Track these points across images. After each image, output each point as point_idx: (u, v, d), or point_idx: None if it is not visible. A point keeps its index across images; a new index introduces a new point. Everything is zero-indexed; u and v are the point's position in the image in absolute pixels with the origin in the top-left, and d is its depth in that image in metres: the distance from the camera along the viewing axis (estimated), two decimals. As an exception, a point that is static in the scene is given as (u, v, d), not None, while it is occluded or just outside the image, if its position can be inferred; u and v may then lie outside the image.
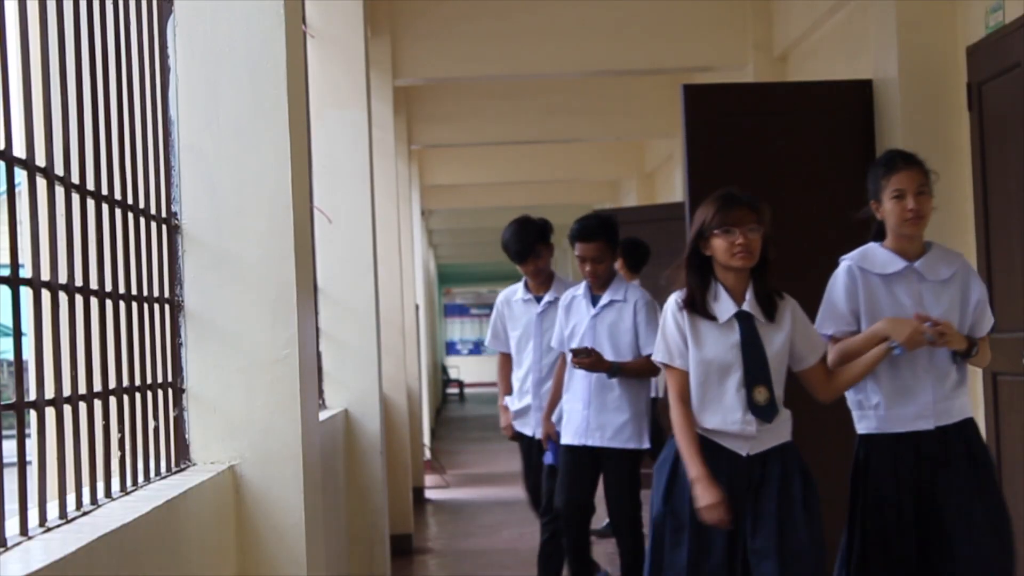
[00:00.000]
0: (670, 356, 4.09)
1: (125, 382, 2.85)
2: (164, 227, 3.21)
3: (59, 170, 2.54)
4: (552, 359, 6.27)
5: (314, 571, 3.37)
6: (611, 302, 5.82)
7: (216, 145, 3.28)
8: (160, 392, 3.11)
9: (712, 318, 4.06)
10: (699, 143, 6.18)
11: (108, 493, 2.71)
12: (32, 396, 2.39)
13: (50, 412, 2.44)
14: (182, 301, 3.27)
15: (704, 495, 3.94)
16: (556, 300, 6.22)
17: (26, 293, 2.36)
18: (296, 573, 3.27)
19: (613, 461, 5.72)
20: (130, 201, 2.95)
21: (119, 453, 2.79)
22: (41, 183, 2.44)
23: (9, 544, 2.16)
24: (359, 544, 6.16)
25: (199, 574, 2.93)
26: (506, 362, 6.67)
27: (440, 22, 8.61)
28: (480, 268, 32.32)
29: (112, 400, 2.76)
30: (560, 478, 5.78)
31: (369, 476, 6.28)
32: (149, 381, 3.03)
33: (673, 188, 12.35)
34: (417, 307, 13.12)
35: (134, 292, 2.95)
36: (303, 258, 3.43)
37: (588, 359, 5.65)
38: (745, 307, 4.06)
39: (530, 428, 6.42)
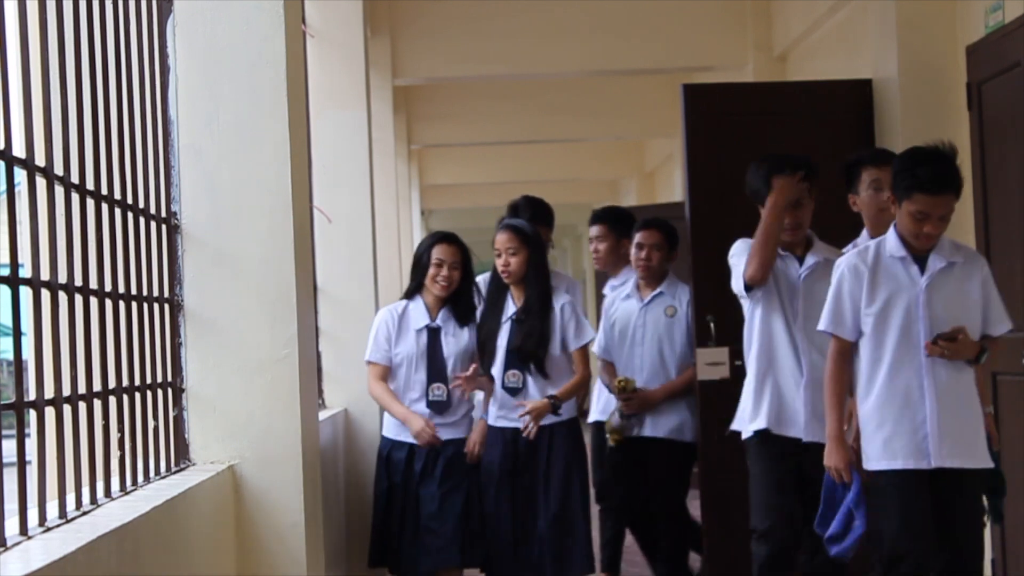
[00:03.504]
0: None
1: (125, 382, 2.85)
2: (164, 227, 3.21)
3: (59, 170, 2.54)
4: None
5: (314, 571, 3.37)
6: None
7: (216, 145, 3.28)
8: (160, 392, 3.11)
9: None
10: (699, 143, 6.18)
11: (108, 493, 2.71)
12: (32, 396, 2.39)
13: (50, 412, 2.44)
14: (182, 301, 3.28)
15: None
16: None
17: (26, 293, 2.36)
18: (296, 573, 3.27)
19: (970, 483, 4.06)
20: (130, 201, 2.96)
21: (119, 453, 2.79)
22: (41, 183, 2.44)
23: (9, 544, 2.16)
24: (359, 544, 6.17)
25: (199, 574, 2.93)
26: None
27: (440, 22, 8.61)
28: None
29: (112, 400, 2.76)
30: (901, 516, 3.97)
31: (369, 476, 6.28)
32: (149, 381, 3.03)
33: (673, 188, 12.34)
34: (417, 307, 13.10)
35: (134, 292, 2.95)
36: (303, 258, 3.43)
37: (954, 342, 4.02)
38: None
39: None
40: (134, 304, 2.95)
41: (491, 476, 5.19)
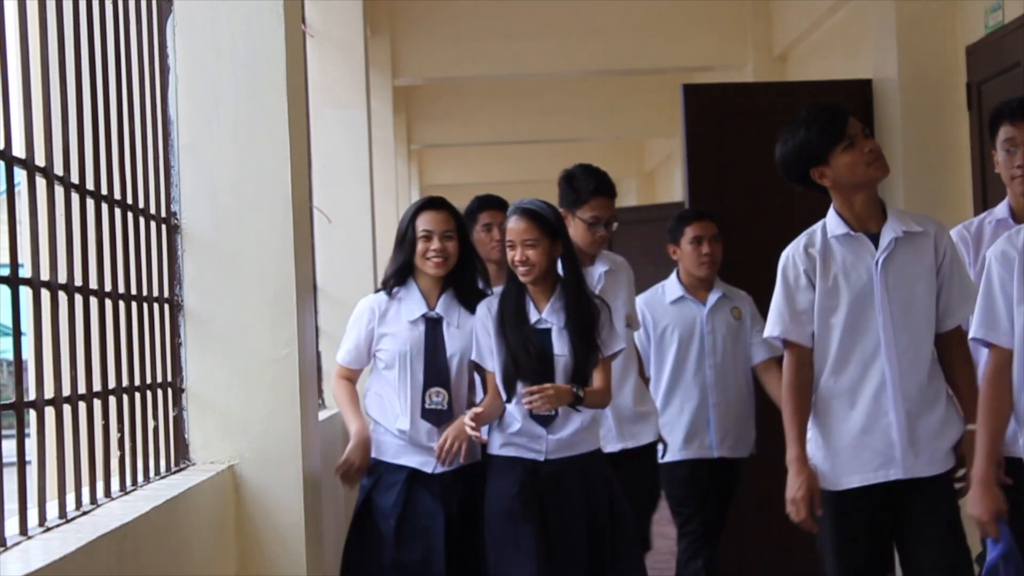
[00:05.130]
0: None
1: (125, 382, 2.85)
2: (164, 227, 3.21)
3: (59, 170, 2.54)
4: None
5: (314, 571, 3.37)
6: None
7: (216, 145, 3.28)
8: (160, 392, 3.11)
9: None
10: (699, 143, 6.18)
11: (108, 493, 2.71)
12: (32, 396, 2.39)
13: (50, 412, 2.44)
14: (182, 301, 3.27)
15: None
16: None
17: (26, 293, 2.36)
18: (296, 573, 3.27)
19: None
20: (130, 201, 2.95)
21: (119, 453, 2.79)
22: (41, 183, 2.44)
23: (9, 544, 2.16)
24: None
25: (199, 574, 2.93)
26: None
27: (440, 22, 8.61)
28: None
29: (112, 400, 2.76)
30: None
31: (369, 476, 6.27)
32: (149, 381, 3.03)
33: (673, 188, 12.34)
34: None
35: (134, 292, 2.95)
36: (303, 258, 3.43)
37: None
38: None
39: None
40: (134, 304, 2.94)
41: (502, 518, 3.91)
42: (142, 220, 3.04)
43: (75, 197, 2.64)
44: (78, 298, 2.62)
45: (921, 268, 3.43)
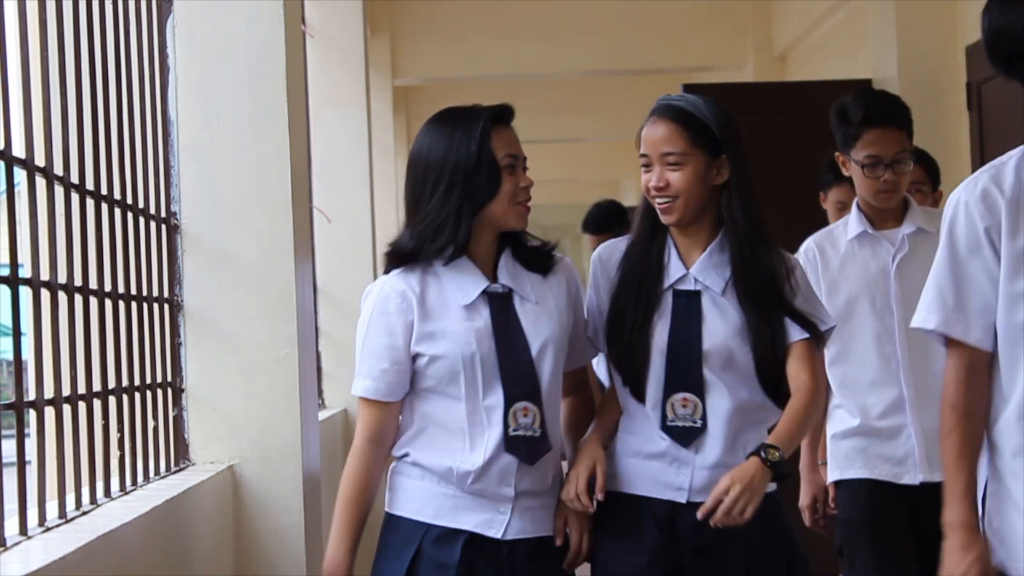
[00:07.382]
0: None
1: (125, 382, 2.85)
2: (164, 227, 3.21)
3: (59, 170, 2.54)
4: None
5: (314, 571, 3.37)
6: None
7: (215, 145, 3.28)
8: (159, 392, 3.11)
9: None
10: (699, 143, 6.18)
11: (107, 493, 2.71)
12: (32, 396, 2.39)
13: (50, 412, 2.44)
14: (182, 301, 3.27)
15: None
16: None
17: (26, 293, 2.36)
18: (296, 573, 3.27)
19: None
20: (130, 201, 2.96)
21: (118, 453, 2.79)
22: (41, 183, 2.44)
23: (8, 544, 2.16)
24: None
25: (198, 574, 2.93)
26: None
27: (440, 22, 8.61)
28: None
29: (112, 400, 2.76)
30: None
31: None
32: (148, 381, 3.03)
33: (673, 188, 12.35)
34: (417, 307, 13.11)
35: (134, 292, 2.95)
36: (303, 258, 3.43)
37: None
38: None
39: None
40: (134, 304, 2.95)
41: None
42: (142, 220, 3.04)
43: (75, 197, 2.64)
44: (78, 298, 2.62)
45: None
